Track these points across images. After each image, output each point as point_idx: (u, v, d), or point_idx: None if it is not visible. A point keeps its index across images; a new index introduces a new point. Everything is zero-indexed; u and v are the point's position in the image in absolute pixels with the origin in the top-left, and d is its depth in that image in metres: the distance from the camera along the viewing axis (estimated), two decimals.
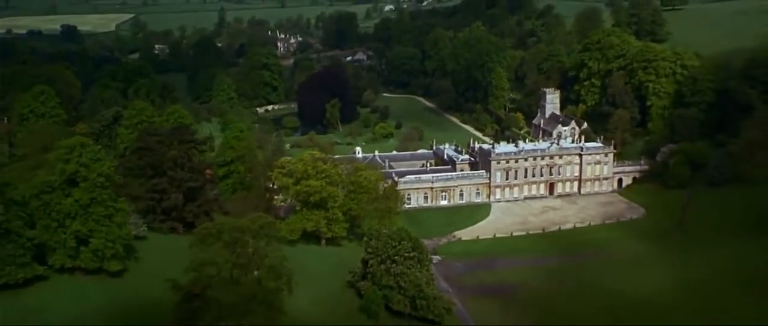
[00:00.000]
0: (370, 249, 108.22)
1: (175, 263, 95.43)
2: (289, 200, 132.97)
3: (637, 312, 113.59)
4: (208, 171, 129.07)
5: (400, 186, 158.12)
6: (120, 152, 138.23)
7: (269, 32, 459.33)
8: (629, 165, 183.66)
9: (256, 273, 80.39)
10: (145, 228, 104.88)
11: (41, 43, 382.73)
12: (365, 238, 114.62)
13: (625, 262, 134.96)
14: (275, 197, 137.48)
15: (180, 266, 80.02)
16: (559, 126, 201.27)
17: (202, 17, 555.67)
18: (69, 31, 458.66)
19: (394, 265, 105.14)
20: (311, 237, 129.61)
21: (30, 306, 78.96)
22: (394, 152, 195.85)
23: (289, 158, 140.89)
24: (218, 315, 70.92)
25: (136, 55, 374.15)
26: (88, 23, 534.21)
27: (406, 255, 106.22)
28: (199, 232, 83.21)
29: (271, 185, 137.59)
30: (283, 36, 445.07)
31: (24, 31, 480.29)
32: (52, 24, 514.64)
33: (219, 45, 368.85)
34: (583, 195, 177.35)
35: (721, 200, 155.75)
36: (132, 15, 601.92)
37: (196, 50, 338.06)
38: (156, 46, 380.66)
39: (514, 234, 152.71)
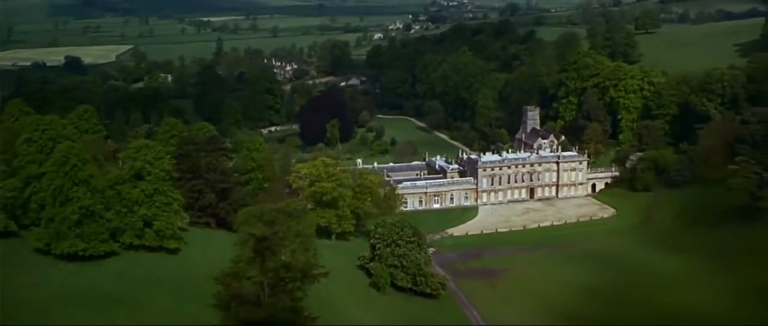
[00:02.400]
0: (377, 235, 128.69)
1: (214, 248, 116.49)
2: (304, 200, 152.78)
3: (604, 289, 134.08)
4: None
5: (397, 191, 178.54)
6: None
7: (265, 60, 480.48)
8: (601, 172, 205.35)
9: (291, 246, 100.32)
10: (188, 221, 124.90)
11: (51, 74, 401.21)
12: (373, 228, 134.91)
13: (595, 251, 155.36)
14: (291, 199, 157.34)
15: (217, 250, 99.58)
16: (539, 139, 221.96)
17: (197, 47, 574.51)
18: (73, 62, 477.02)
19: (397, 248, 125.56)
20: (322, 233, 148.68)
21: (110, 272, 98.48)
22: (391, 164, 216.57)
23: (303, 164, 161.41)
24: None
25: (140, 84, 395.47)
26: (89, 54, 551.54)
27: (407, 239, 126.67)
28: (245, 214, 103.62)
29: (286, 189, 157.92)
30: (279, 63, 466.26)
31: (28, 63, 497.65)
32: (54, 55, 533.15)
33: (220, 73, 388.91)
34: (560, 198, 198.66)
35: (681, 199, 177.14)
36: (130, 46, 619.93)
37: (199, 78, 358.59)
38: (161, 75, 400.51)
39: (499, 230, 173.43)
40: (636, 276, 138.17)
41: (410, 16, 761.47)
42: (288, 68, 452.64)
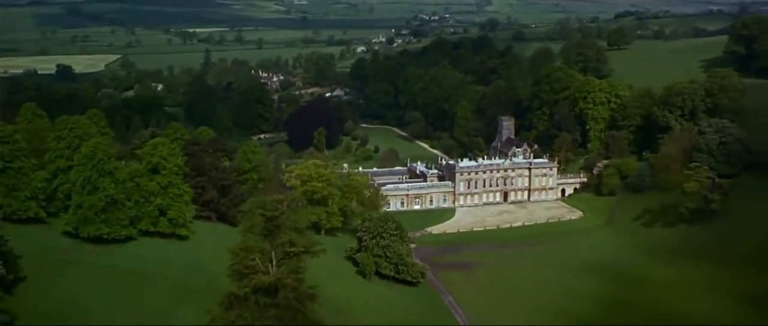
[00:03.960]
0: (363, 229, 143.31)
1: (217, 237, 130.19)
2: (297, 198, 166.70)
3: (564, 280, 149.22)
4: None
5: (381, 193, 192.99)
6: None
7: (252, 71, 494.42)
8: (570, 178, 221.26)
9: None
10: (193, 214, 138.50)
11: (45, 82, 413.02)
12: (359, 223, 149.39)
13: (560, 249, 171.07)
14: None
15: (220, 239, 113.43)
16: (514, 148, 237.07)
17: (184, 58, 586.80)
18: (64, 71, 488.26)
19: (382, 240, 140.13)
20: (313, 228, 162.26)
21: (130, 253, 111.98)
22: (375, 169, 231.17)
23: (297, 165, 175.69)
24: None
25: (130, 92, 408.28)
26: (78, 63, 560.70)
27: (391, 233, 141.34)
28: (249, 204, 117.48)
29: (279, 188, 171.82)
30: (266, 74, 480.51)
31: (20, 71, 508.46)
32: (44, 64, 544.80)
33: (209, 82, 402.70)
34: (532, 201, 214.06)
35: (642, 202, 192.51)
36: (118, 55, 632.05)
37: (189, 87, 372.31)
38: (152, 83, 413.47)
39: (474, 229, 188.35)
40: (593, 269, 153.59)
41: (393, 30, 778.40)
42: (275, 79, 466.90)
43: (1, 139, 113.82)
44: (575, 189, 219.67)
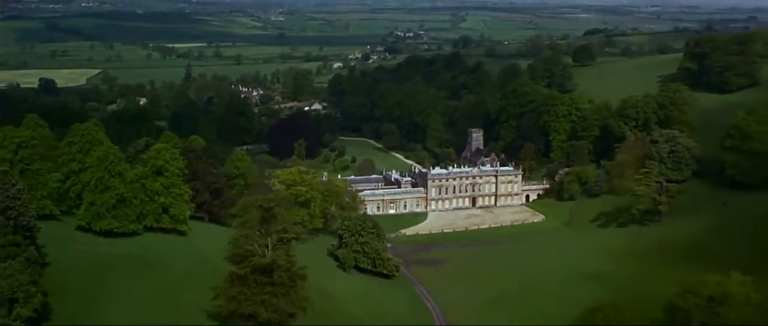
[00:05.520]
0: (344, 227, 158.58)
1: (211, 234, 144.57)
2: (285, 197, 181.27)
3: (527, 273, 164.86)
4: None
5: (359, 198, 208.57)
6: None
7: (232, 86, 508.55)
8: (534, 185, 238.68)
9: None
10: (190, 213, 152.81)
11: (30, 95, 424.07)
12: (340, 222, 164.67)
13: (522, 248, 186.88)
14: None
15: (214, 235, 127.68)
16: (482, 157, 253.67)
17: (164, 72, 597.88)
18: (47, 85, 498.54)
19: (360, 237, 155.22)
20: None
21: (138, 245, 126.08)
22: (352, 176, 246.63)
23: (283, 171, 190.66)
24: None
25: (114, 106, 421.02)
26: (60, 77, 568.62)
27: (369, 231, 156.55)
28: (241, 204, 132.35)
29: (266, 191, 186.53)
30: (245, 89, 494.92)
31: (3, 85, 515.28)
32: (26, 77, 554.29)
33: (191, 97, 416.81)
34: (498, 206, 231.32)
35: (598, 206, 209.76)
36: (98, 70, 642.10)
37: (173, 101, 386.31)
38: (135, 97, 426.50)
39: (445, 231, 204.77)
40: (551, 265, 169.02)
41: (368, 47, 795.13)
42: (254, 93, 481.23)
43: (21, 144, 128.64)
44: (539, 195, 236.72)
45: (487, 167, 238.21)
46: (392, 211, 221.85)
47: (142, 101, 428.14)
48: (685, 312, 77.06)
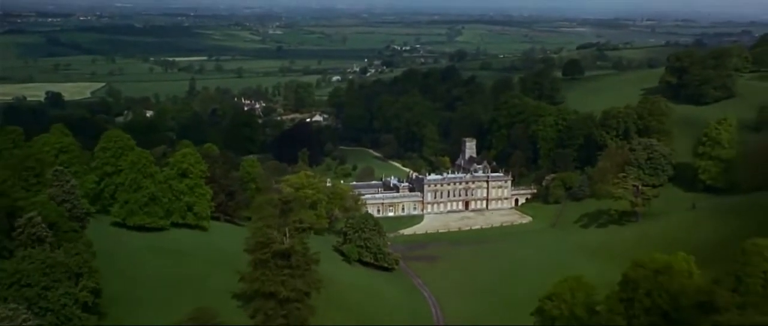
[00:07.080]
0: (348, 225, 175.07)
1: (228, 231, 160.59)
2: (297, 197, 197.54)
3: (514, 268, 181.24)
4: None
5: (361, 201, 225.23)
6: None
7: (235, 99, 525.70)
8: (523, 189, 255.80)
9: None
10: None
11: (38, 108, 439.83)
12: (344, 222, 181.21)
13: (511, 245, 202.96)
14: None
15: (232, 232, 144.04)
16: (475, 165, 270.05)
17: (167, 85, 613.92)
18: (54, 98, 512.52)
19: (363, 234, 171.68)
20: None
21: (168, 239, 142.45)
22: (354, 182, 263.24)
23: (291, 176, 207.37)
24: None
25: (121, 118, 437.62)
26: (65, 91, 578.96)
27: (371, 228, 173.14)
28: (258, 202, 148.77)
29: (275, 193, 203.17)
30: (248, 101, 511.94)
31: (10, 98, 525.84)
32: (32, 91, 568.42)
33: (196, 109, 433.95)
34: (489, 209, 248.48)
35: (581, 209, 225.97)
36: (102, 83, 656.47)
37: (179, 113, 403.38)
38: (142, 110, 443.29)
39: (439, 231, 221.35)
40: (537, 262, 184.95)
41: (365, 60, 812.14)
42: (257, 106, 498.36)
43: (62, 149, 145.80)
44: (527, 198, 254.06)
45: (479, 173, 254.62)
46: (391, 214, 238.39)
47: (149, 113, 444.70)
48: (634, 282, 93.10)
